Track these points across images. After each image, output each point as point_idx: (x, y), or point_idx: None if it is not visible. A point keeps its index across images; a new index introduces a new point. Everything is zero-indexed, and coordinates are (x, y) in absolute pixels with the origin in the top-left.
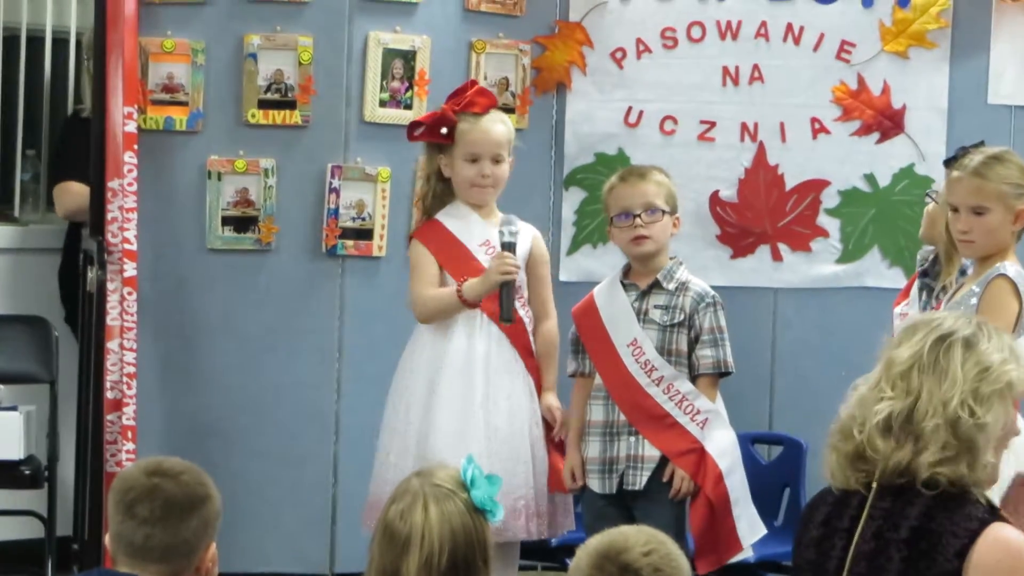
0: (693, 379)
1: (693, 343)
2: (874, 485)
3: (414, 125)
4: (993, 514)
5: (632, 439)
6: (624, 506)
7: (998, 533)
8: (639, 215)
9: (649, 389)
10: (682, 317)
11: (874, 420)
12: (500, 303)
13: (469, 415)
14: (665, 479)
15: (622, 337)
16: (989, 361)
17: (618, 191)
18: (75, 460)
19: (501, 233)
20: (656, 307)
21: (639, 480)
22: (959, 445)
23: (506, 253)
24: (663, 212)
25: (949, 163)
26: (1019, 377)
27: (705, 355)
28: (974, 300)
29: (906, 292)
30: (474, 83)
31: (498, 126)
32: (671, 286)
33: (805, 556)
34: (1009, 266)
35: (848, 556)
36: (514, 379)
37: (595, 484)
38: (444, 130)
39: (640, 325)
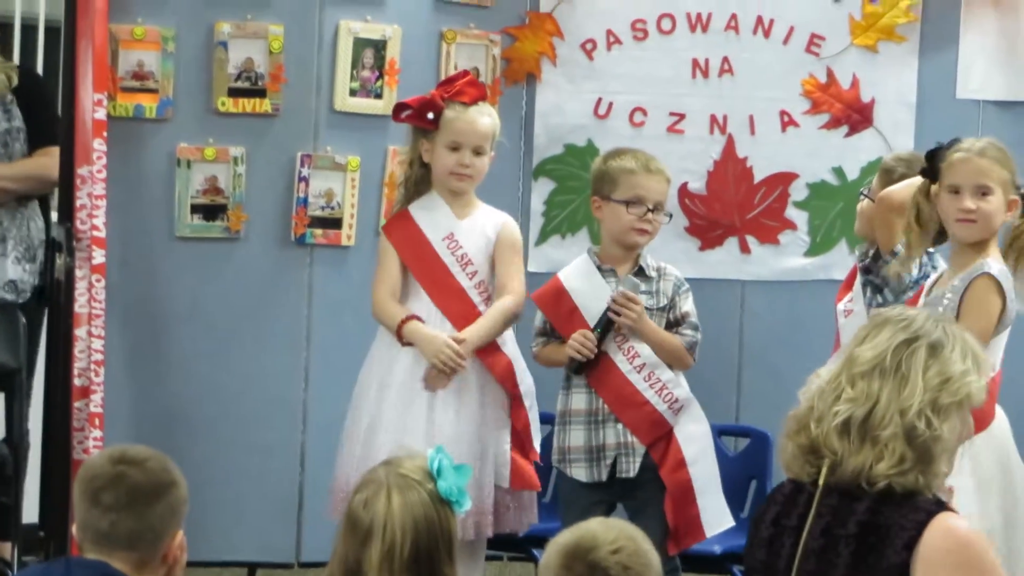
0: None
1: (673, 325)
2: (820, 483)
3: (401, 107)
4: (940, 506)
5: (619, 426)
6: (609, 499)
7: (946, 523)
8: (651, 209)
9: (631, 376)
10: (665, 302)
11: (833, 421)
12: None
13: (413, 413)
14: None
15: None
16: (951, 371)
17: (639, 178)
18: (42, 447)
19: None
20: (640, 293)
21: (632, 467)
22: (915, 456)
23: (449, 352)
24: (668, 214)
25: (936, 153)
26: (979, 388)
27: (687, 333)
28: (955, 297)
29: (847, 286)
30: (466, 73)
31: (484, 118)
32: (652, 273)
33: (757, 556)
34: (993, 263)
35: (797, 554)
36: (466, 379)
37: (582, 473)
38: (431, 115)
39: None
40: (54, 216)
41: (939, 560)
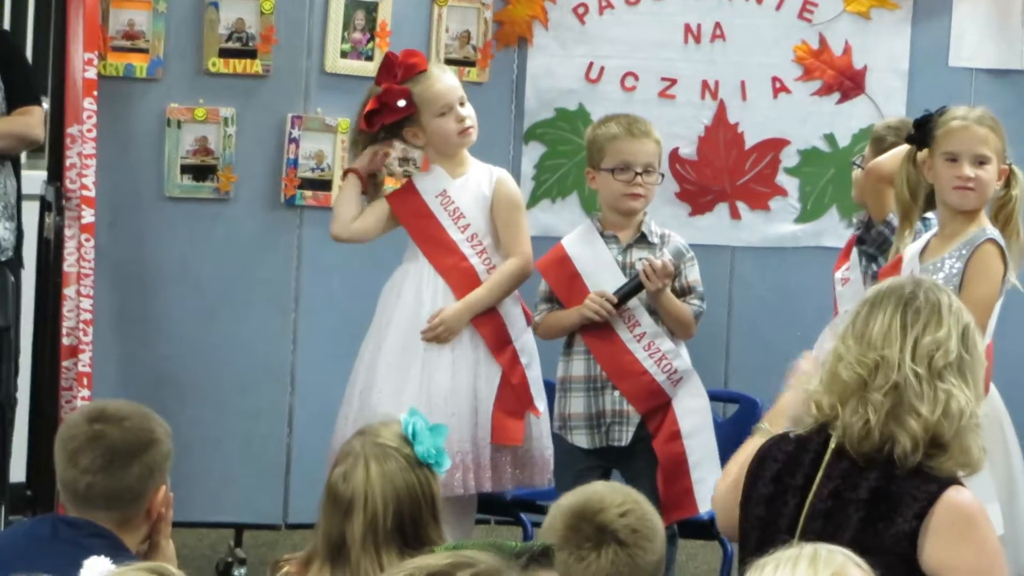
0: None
1: (679, 294)
2: (832, 446)
3: (371, 115)
4: (949, 479)
5: (616, 393)
6: (604, 465)
7: (954, 497)
8: (640, 173)
9: (630, 345)
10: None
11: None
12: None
13: (408, 370)
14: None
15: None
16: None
17: (622, 143)
18: (29, 406)
19: None
20: (642, 260)
21: (625, 436)
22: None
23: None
24: (660, 174)
25: (927, 120)
26: None
27: (694, 303)
28: (959, 264)
29: (845, 255)
30: (390, 55)
31: (447, 74)
32: (655, 240)
33: (754, 512)
34: (991, 230)
35: (802, 514)
36: (460, 336)
37: (582, 440)
38: (402, 103)
39: (626, 279)
40: (36, 175)
41: (946, 531)
